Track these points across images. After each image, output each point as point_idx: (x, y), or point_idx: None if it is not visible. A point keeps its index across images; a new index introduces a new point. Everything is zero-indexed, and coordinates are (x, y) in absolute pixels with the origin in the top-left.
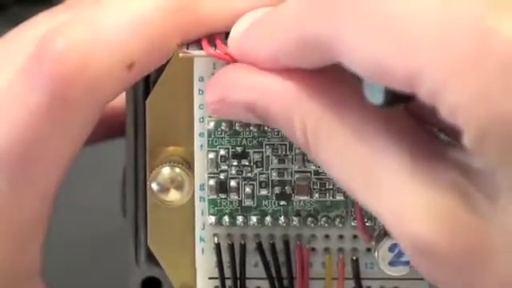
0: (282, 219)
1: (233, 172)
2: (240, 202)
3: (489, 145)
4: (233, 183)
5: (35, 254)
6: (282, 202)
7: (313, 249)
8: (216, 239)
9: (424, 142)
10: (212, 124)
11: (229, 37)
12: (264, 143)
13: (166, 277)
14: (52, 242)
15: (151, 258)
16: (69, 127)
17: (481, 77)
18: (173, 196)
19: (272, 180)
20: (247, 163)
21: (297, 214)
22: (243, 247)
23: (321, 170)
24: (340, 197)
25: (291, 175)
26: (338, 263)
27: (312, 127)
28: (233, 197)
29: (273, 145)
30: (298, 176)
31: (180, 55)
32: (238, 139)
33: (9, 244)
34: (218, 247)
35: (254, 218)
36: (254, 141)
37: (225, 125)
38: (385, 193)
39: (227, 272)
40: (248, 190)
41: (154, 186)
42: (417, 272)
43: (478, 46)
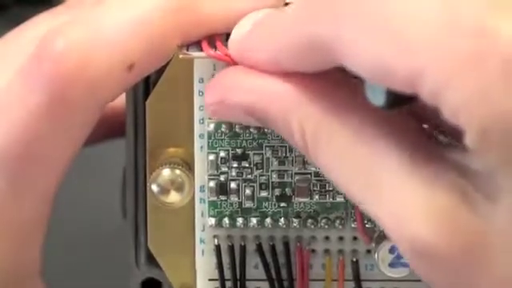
0: (282, 221)
1: (233, 174)
2: (240, 204)
3: (490, 144)
4: (233, 185)
5: (35, 254)
6: (282, 204)
7: (313, 250)
8: (216, 241)
9: (423, 144)
10: (212, 126)
11: (229, 38)
12: (264, 145)
13: (166, 278)
14: (52, 242)
15: (151, 260)
16: (68, 127)
17: (482, 76)
18: (173, 197)
19: (272, 182)
20: (247, 165)
21: (297, 216)
22: (243, 249)
23: (321, 172)
24: (340, 198)
25: (291, 177)
26: (338, 265)
27: (311, 130)
28: (233, 198)
29: (273, 147)
30: (298, 178)
31: (180, 56)
32: (238, 141)
33: (9, 244)
34: (218, 249)
35: (254, 220)
36: (254, 142)
37: (225, 126)
38: (384, 194)
39: (227, 273)
40: (248, 192)
41: (154, 188)
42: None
43: (479, 46)
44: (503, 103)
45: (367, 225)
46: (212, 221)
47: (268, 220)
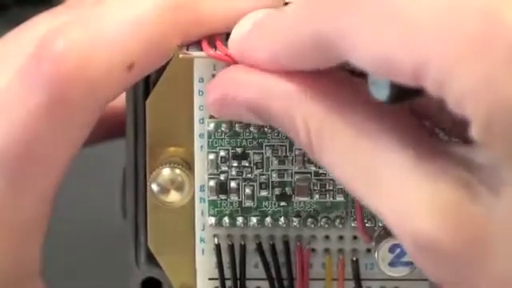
0: (282, 220)
1: (233, 173)
2: (240, 203)
3: (495, 135)
4: (233, 184)
5: (35, 254)
6: (282, 203)
7: (313, 249)
8: (216, 240)
9: (426, 139)
10: (212, 125)
11: (230, 38)
12: (264, 144)
13: (166, 277)
14: (52, 242)
15: (151, 259)
16: (68, 128)
17: (487, 61)
18: (173, 197)
19: (272, 181)
20: (247, 164)
21: (297, 215)
22: (243, 248)
23: (321, 171)
24: (340, 198)
25: (291, 176)
26: (338, 264)
27: (315, 128)
28: (233, 198)
29: (273, 146)
30: (298, 177)
31: (180, 56)
32: (238, 140)
33: (8, 243)
34: (218, 248)
35: (254, 219)
36: (254, 142)
37: (225, 126)
38: (387, 189)
39: (227, 273)
40: (248, 191)
41: (154, 187)
42: (417, 273)
43: (484, 30)
44: (510, 88)
45: (367, 224)
46: (212, 220)
47: (268, 219)
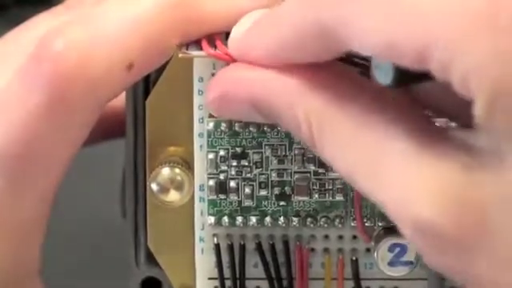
0: (282, 219)
1: (232, 172)
2: (239, 203)
3: (499, 109)
4: (232, 184)
5: (35, 254)
6: (282, 203)
7: (312, 249)
8: (215, 239)
9: (427, 126)
10: (211, 124)
11: (229, 37)
12: (263, 144)
13: (166, 277)
14: (52, 242)
15: (151, 259)
16: (68, 127)
17: (493, 36)
18: (172, 196)
19: (271, 180)
20: (247, 164)
21: (296, 215)
22: (243, 247)
23: (320, 171)
24: (339, 197)
25: (291, 176)
26: (338, 263)
27: (316, 121)
28: (232, 197)
29: (272, 145)
30: (298, 176)
31: (180, 55)
32: (238, 140)
33: (8, 243)
34: (218, 247)
35: (254, 219)
36: (254, 141)
37: (224, 125)
38: (389, 178)
39: (227, 272)
40: (247, 191)
41: (154, 187)
42: (416, 272)
43: (488, 5)
44: None
45: (367, 223)
46: (211, 219)
47: (267, 219)
